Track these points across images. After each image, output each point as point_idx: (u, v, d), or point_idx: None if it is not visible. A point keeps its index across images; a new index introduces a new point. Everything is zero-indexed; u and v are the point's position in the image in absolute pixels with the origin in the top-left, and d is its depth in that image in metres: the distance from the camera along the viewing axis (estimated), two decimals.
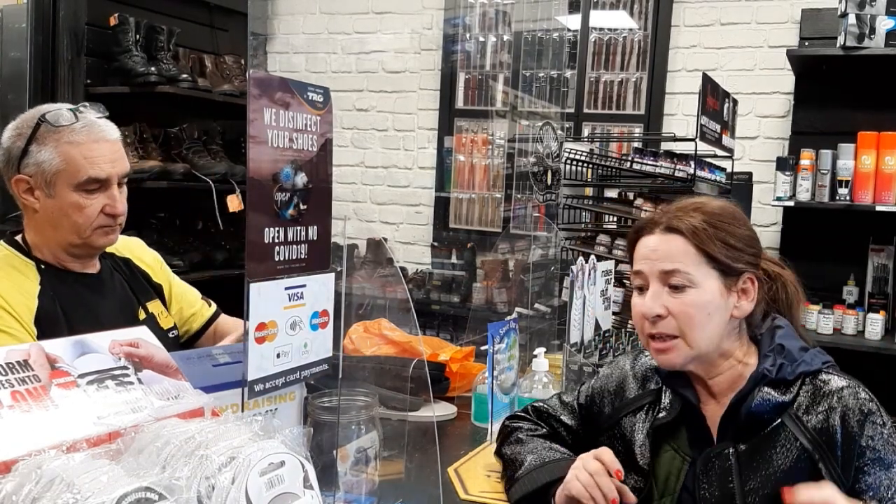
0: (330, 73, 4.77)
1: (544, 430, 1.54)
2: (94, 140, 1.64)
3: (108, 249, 1.81)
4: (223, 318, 2.02)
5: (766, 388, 1.27)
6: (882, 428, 1.22)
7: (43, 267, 1.68)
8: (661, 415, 1.37)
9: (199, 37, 4.00)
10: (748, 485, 1.25)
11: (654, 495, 1.36)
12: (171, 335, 1.85)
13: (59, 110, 1.64)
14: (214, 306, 2.03)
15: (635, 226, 1.41)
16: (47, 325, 1.60)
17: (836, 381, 1.26)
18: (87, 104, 1.70)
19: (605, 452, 1.31)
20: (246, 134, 1.03)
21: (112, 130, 1.69)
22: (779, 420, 1.26)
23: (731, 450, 1.28)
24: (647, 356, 1.48)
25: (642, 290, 1.32)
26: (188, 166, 3.62)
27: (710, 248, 1.27)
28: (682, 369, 1.33)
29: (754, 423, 1.27)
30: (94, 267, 1.77)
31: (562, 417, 1.54)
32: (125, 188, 1.73)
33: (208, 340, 1.97)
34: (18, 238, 1.71)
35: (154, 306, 1.85)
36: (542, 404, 1.59)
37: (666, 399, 1.38)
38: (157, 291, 1.90)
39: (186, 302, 1.97)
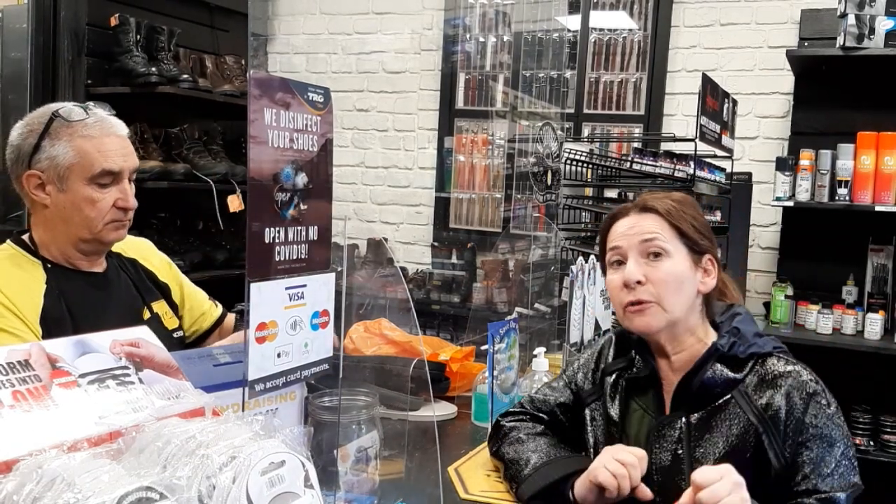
0: (330, 74, 4.78)
1: (542, 426, 1.56)
2: (106, 134, 1.66)
3: (115, 249, 1.82)
4: (229, 316, 2.06)
5: (718, 365, 1.37)
6: (826, 408, 1.31)
7: (49, 266, 1.68)
8: (632, 374, 1.48)
9: (199, 37, 4.01)
10: (696, 452, 1.34)
11: None
12: (175, 336, 1.85)
13: (70, 107, 1.66)
14: (220, 307, 2.06)
15: (608, 216, 1.52)
16: (53, 324, 1.61)
17: (784, 365, 1.35)
18: (93, 103, 1.72)
19: (639, 450, 1.35)
20: (246, 134, 1.03)
21: (122, 127, 1.71)
22: (729, 395, 1.35)
23: (682, 419, 1.37)
24: (622, 329, 1.56)
25: (620, 263, 1.43)
26: (189, 166, 3.62)
27: (682, 225, 1.41)
28: (655, 335, 1.41)
29: (706, 396, 1.36)
30: (100, 265, 1.77)
31: (560, 400, 1.59)
32: (133, 184, 1.74)
33: (215, 339, 1.99)
34: (25, 237, 1.72)
35: (159, 307, 1.85)
36: (536, 395, 1.63)
37: (637, 364, 1.49)
38: (163, 292, 1.90)
39: (197, 302, 1.99)
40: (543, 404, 1.59)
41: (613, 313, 2.38)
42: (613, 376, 1.51)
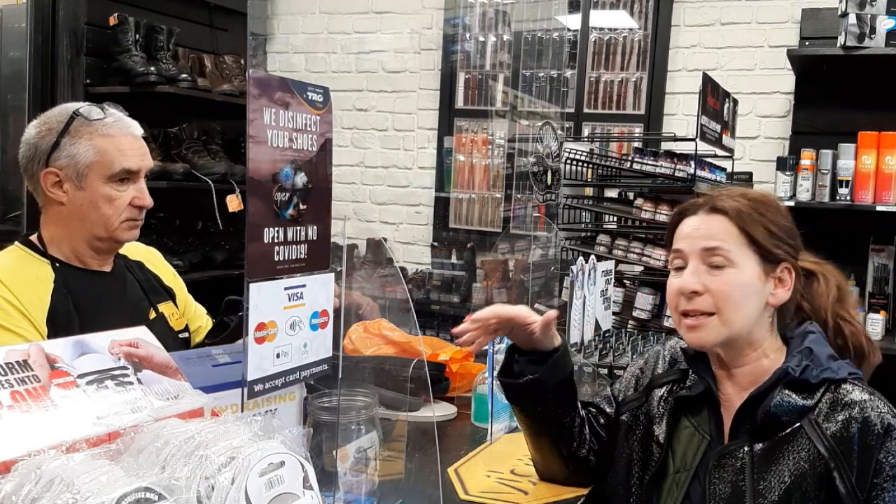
0: (330, 73, 4.77)
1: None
2: (124, 134, 1.70)
3: (122, 251, 1.83)
4: None
5: (787, 391, 1.26)
6: None
7: (58, 265, 1.69)
8: (683, 391, 1.39)
9: (198, 36, 4.00)
10: (760, 485, 1.24)
11: (669, 469, 1.36)
12: (181, 336, 1.86)
13: (89, 106, 1.69)
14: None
15: (677, 209, 1.41)
16: (60, 322, 1.61)
17: (859, 393, 1.25)
18: (108, 103, 1.75)
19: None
20: (245, 134, 1.03)
21: (137, 127, 1.75)
22: (797, 424, 1.25)
23: (746, 448, 1.27)
24: (676, 339, 1.48)
25: (681, 268, 1.33)
26: (188, 166, 3.61)
27: (753, 231, 1.29)
28: (711, 349, 1.33)
29: (772, 424, 1.26)
30: (108, 265, 1.78)
31: (601, 405, 1.53)
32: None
33: None
34: (33, 238, 1.73)
35: (165, 307, 1.86)
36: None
37: (690, 379, 1.40)
38: (169, 294, 1.91)
39: (195, 315, 2.00)
40: (587, 406, 1.53)
41: (615, 313, 2.38)
42: (663, 390, 1.42)
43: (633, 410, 1.45)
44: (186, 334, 1.90)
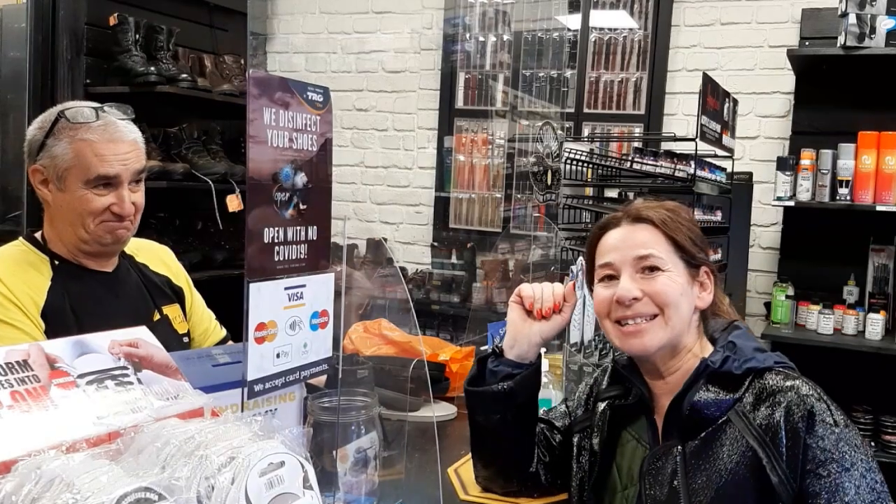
0: (330, 73, 4.77)
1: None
2: (108, 139, 1.65)
3: (129, 252, 1.83)
4: (230, 345, 2.01)
5: (710, 385, 1.25)
6: (833, 427, 1.18)
7: (57, 263, 1.69)
8: (622, 401, 1.39)
9: (198, 36, 4.00)
10: (694, 483, 1.23)
11: (617, 486, 1.35)
12: (184, 340, 1.85)
13: (80, 108, 1.67)
14: (225, 331, 2.02)
15: (596, 225, 1.42)
16: (55, 320, 1.61)
17: (783, 380, 1.23)
18: (112, 104, 1.71)
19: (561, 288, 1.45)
20: (246, 134, 1.03)
21: (129, 131, 1.70)
22: (725, 417, 1.23)
23: (677, 448, 1.26)
24: (617, 354, 1.48)
25: (611, 278, 1.32)
26: (188, 166, 3.61)
27: (678, 237, 1.31)
28: (651, 356, 1.31)
29: (700, 421, 1.25)
30: (110, 265, 1.77)
31: (554, 421, 1.53)
32: (142, 187, 1.74)
33: None
34: (37, 235, 1.74)
35: (171, 310, 1.84)
36: None
37: (633, 394, 1.39)
38: (178, 296, 1.89)
39: (204, 318, 1.98)
40: (539, 422, 1.53)
41: None
42: (604, 404, 1.41)
43: (585, 430, 1.45)
44: (188, 339, 1.89)
